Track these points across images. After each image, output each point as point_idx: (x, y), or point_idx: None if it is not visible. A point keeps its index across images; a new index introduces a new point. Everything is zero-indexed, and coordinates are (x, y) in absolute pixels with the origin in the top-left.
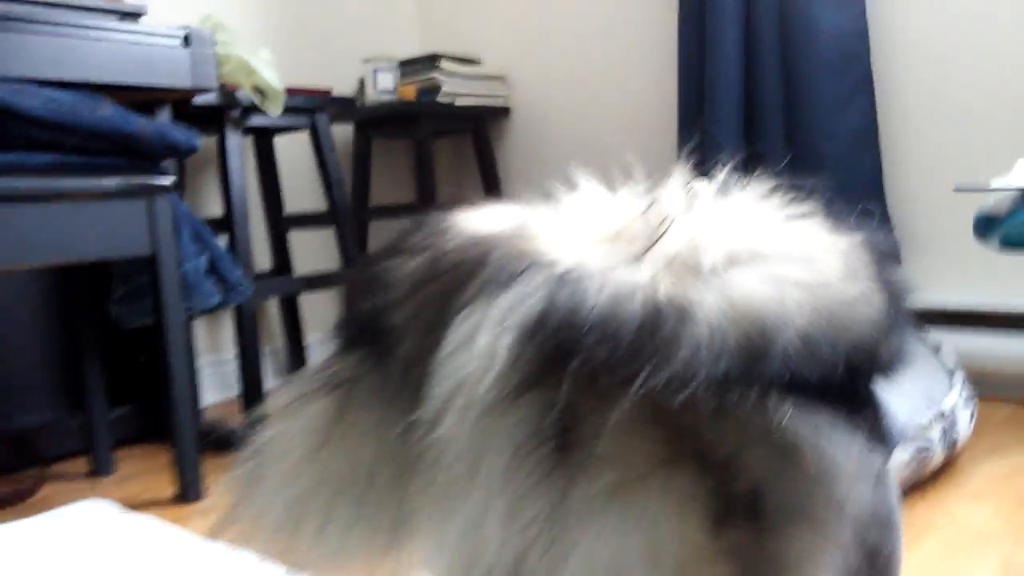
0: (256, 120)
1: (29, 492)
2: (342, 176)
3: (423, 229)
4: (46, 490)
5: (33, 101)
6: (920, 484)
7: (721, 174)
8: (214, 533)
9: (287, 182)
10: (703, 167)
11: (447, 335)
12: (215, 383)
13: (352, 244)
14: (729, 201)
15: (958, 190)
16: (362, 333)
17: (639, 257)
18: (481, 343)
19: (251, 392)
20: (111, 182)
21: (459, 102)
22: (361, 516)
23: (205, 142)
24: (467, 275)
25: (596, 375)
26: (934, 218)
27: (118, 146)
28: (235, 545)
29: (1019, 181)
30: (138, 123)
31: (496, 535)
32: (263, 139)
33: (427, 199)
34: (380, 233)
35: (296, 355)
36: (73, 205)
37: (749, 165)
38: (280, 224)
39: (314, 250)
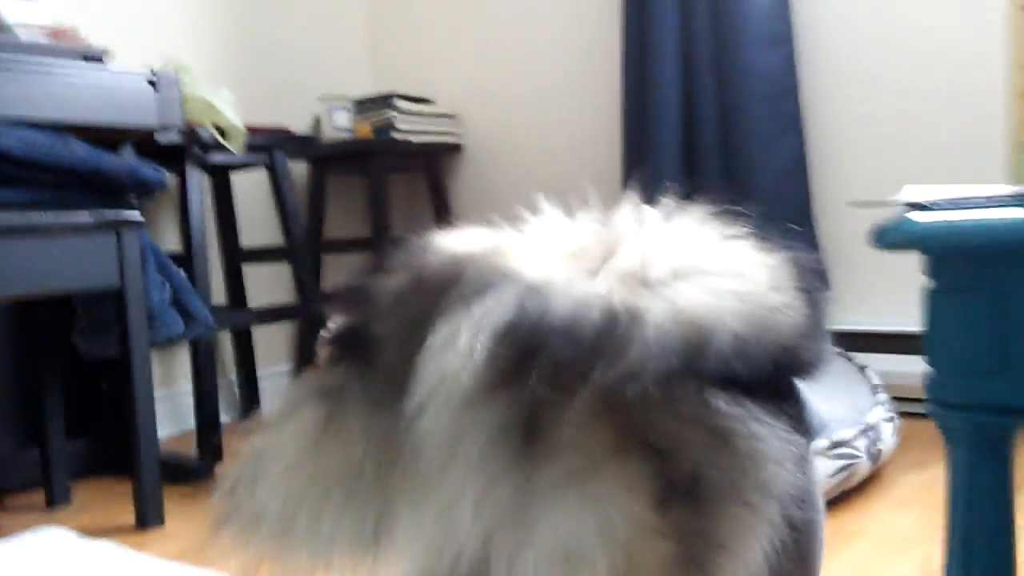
0: (217, 158)
1: None
2: (298, 211)
3: (403, 250)
4: (1, 520)
5: (9, 140)
6: (847, 494)
7: (665, 201)
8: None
9: (242, 217)
10: (648, 197)
11: (430, 338)
12: (168, 416)
13: (307, 277)
14: (673, 224)
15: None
16: (349, 344)
17: (596, 272)
18: (461, 342)
19: (207, 424)
20: (83, 217)
21: (413, 139)
22: (349, 507)
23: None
24: (446, 288)
25: (560, 371)
26: (860, 246)
27: (90, 183)
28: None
29: (905, 196)
30: (110, 161)
31: (468, 516)
32: (220, 176)
33: (381, 233)
34: (334, 267)
35: (249, 388)
36: (46, 239)
37: (689, 195)
38: (235, 258)
39: (268, 284)
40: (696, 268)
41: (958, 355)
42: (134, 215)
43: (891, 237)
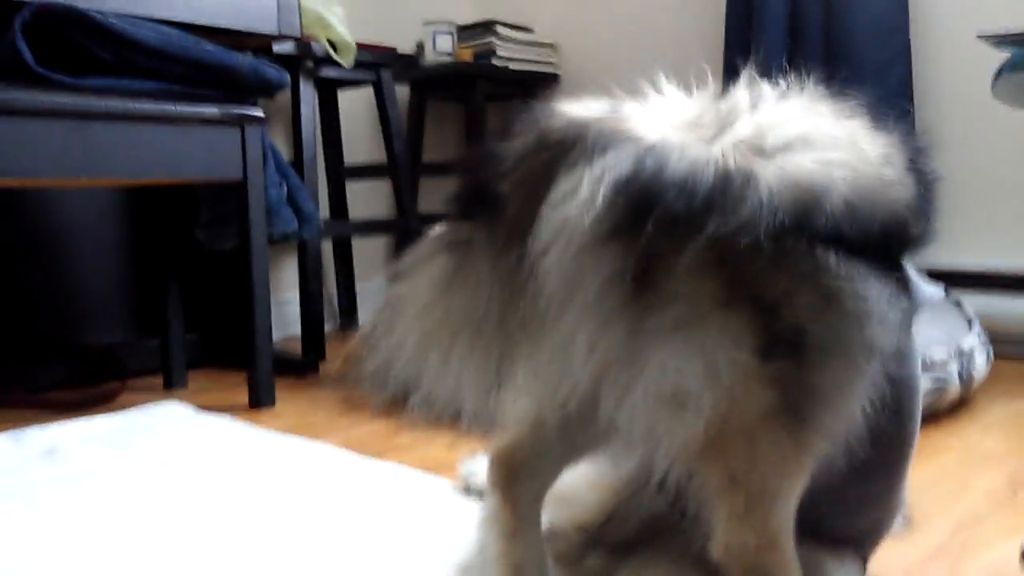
0: (327, 72)
1: (112, 396)
2: (401, 129)
3: (528, 115)
4: (124, 398)
5: (145, 32)
6: (936, 415)
7: (780, 82)
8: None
9: (346, 134)
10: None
11: (553, 190)
12: (274, 322)
13: (406, 195)
14: (787, 101)
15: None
16: (475, 201)
17: (713, 140)
18: (582, 193)
19: (311, 324)
20: (211, 109)
21: (512, 67)
22: (476, 348)
23: None
24: (569, 146)
25: (674, 224)
26: (956, 184)
27: (217, 78)
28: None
29: None
30: (236, 58)
31: (582, 354)
32: (328, 91)
33: None
34: (430, 189)
35: (349, 300)
36: (175, 129)
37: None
38: (339, 173)
39: (368, 201)
40: (810, 140)
41: None
42: (257, 111)
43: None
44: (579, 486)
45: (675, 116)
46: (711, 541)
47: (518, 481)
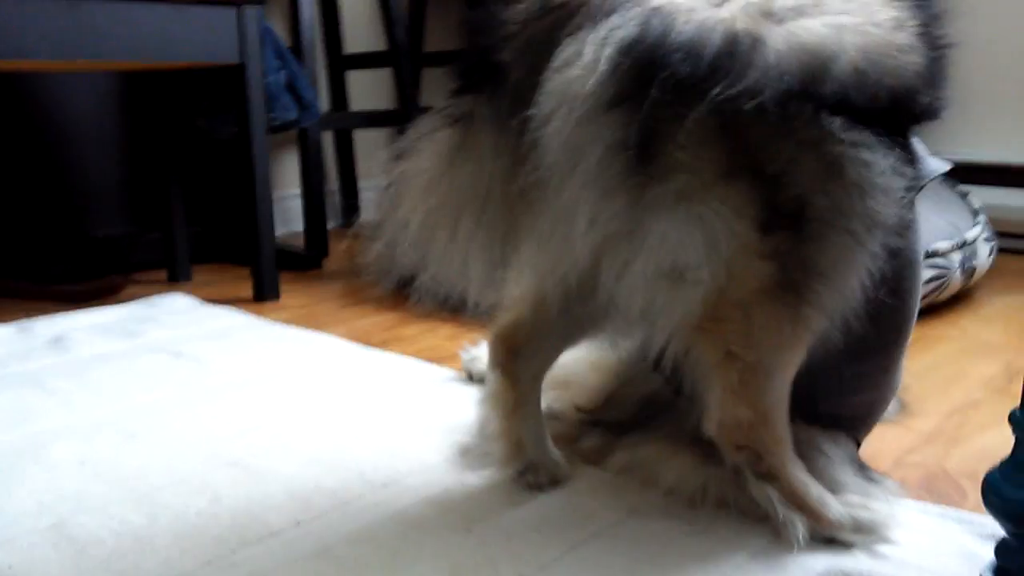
0: None
1: (116, 288)
2: (403, 15)
3: None
4: (129, 291)
5: None
6: (937, 306)
7: None
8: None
9: (345, 23)
10: None
11: (557, 54)
12: (277, 218)
13: (409, 86)
14: None
15: None
16: (477, 71)
17: (721, 2)
18: (586, 57)
19: (314, 218)
20: None
21: None
22: (481, 224)
23: None
24: (573, 10)
25: (679, 89)
26: (967, 79)
27: None
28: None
29: None
30: None
31: (583, 226)
32: None
33: None
34: (433, 80)
35: (350, 197)
36: (172, 9)
37: None
38: (339, 63)
39: (368, 92)
40: (820, 3)
41: None
42: None
43: None
44: (579, 369)
45: None
46: (705, 417)
47: (519, 360)
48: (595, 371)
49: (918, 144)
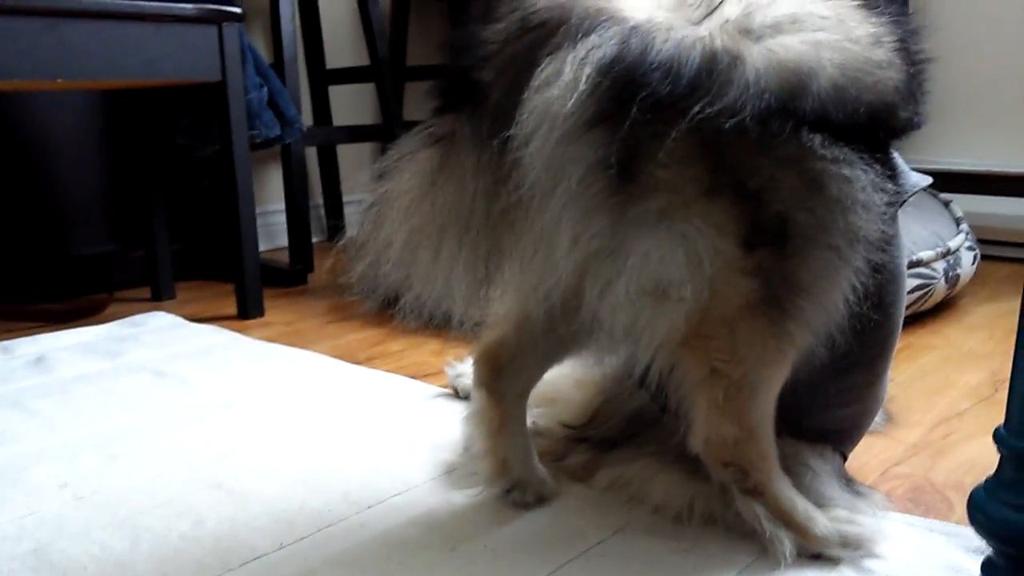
0: None
1: (99, 306)
2: (384, 30)
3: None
4: (112, 310)
5: None
6: (921, 314)
7: None
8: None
9: (327, 37)
10: None
11: (537, 73)
12: (261, 234)
13: (392, 101)
14: None
15: None
16: (458, 90)
17: (700, 20)
18: (565, 76)
19: (298, 233)
20: (187, 6)
21: None
22: (464, 244)
23: None
24: (553, 29)
25: (659, 107)
26: (949, 86)
27: None
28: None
29: None
30: None
31: (565, 244)
32: None
33: None
34: (415, 94)
35: (335, 212)
36: (152, 27)
37: None
38: (322, 78)
39: (351, 107)
40: (799, 21)
41: None
42: (235, 9)
43: None
44: (564, 385)
45: None
46: (690, 434)
47: (503, 378)
48: (580, 388)
49: (898, 158)
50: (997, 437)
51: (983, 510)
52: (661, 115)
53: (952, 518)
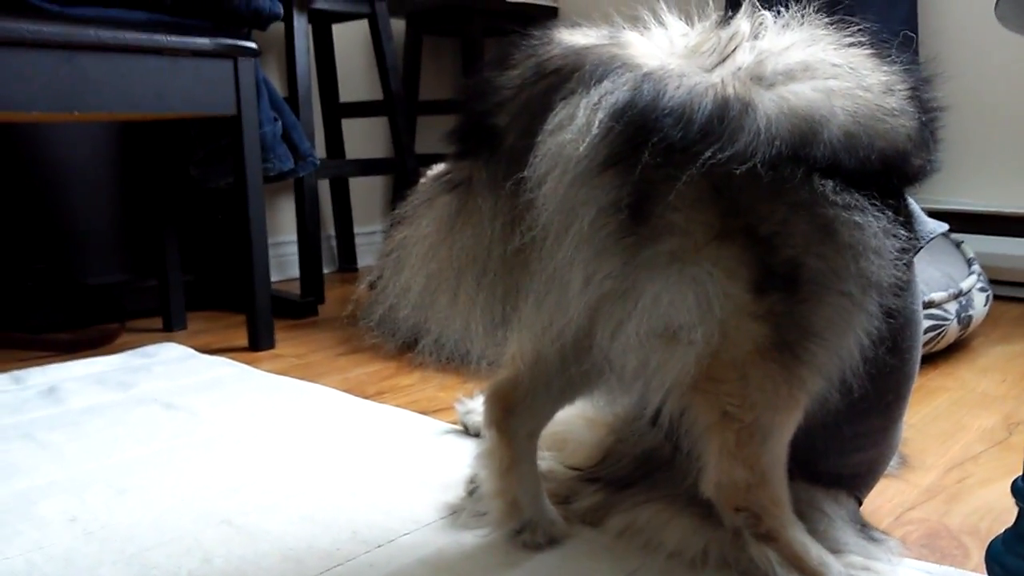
0: (320, 3)
1: (111, 336)
2: (398, 65)
3: (526, 44)
4: (123, 340)
5: None
6: (934, 355)
7: (783, 12)
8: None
9: (341, 71)
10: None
11: (551, 117)
12: (272, 265)
13: (405, 135)
14: (788, 30)
15: None
16: (473, 135)
17: (712, 68)
18: (578, 121)
19: (310, 264)
20: (203, 40)
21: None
22: (482, 287)
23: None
24: (567, 75)
25: (671, 152)
26: (960, 126)
27: (207, 7)
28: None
29: None
30: None
31: (576, 287)
32: (322, 25)
33: None
34: (428, 128)
35: (346, 244)
36: (168, 61)
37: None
38: (334, 111)
39: (364, 141)
40: (811, 68)
41: None
42: (250, 44)
43: None
44: (575, 426)
45: (675, 44)
46: (702, 478)
47: (514, 418)
48: (592, 428)
49: (914, 204)
50: (1014, 489)
51: (1001, 562)
52: (673, 160)
53: (968, 565)
